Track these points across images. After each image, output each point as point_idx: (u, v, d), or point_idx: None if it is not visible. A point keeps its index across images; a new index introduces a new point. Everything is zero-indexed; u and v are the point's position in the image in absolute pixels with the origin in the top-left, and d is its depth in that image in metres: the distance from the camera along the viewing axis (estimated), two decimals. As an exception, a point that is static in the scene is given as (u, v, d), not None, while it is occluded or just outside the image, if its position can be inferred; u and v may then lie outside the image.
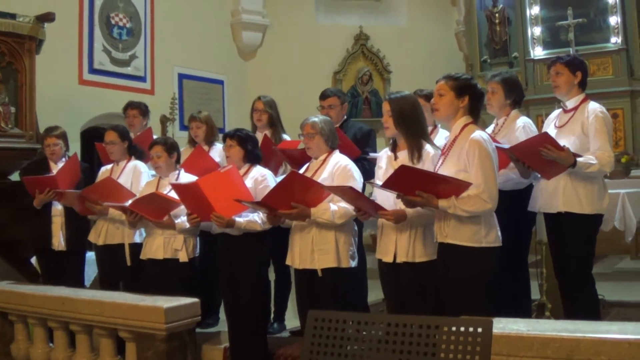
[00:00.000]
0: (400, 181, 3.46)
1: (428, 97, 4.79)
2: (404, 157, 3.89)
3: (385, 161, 4.05)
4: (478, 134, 3.53)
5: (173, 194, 4.71)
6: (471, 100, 3.61)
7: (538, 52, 11.27)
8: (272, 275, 5.27)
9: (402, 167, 3.43)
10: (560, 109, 4.43)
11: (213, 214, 4.45)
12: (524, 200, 4.41)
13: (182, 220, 4.80)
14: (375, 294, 5.42)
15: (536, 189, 4.36)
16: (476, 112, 3.66)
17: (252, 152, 4.82)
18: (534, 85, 10.98)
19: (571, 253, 4.16)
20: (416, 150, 3.83)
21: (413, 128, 3.87)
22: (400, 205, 3.71)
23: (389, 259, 3.91)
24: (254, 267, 4.68)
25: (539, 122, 9.66)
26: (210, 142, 5.96)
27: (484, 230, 3.50)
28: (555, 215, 4.25)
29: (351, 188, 3.80)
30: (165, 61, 9.79)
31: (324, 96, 5.50)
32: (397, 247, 3.87)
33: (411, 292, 3.85)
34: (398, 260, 3.87)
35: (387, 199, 3.87)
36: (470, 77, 3.70)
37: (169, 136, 7.23)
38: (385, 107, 3.95)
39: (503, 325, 2.87)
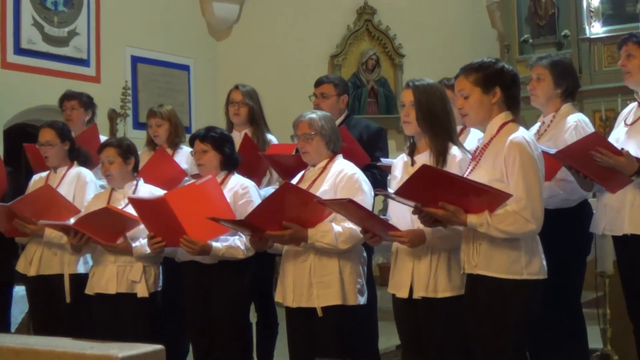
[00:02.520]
0: (420, 187, 3.48)
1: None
2: (423, 161, 3.90)
3: (400, 169, 4.09)
4: (520, 134, 3.55)
5: (130, 210, 4.73)
6: (504, 90, 3.65)
7: (596, 29, 11.35)
8: (254, 316, 5.29)
9: (425, 168, 3.45)
10: (636, 103, 4.43)
11: (184, 237, 4.48)
12: (575, 220, 4.45)
13: (142, 243, 4.82)
14: (387, 338, 5.45)
15: (600, 205, 4.37)
16: (515, 103, 3.69)
17: (230, 156, 4.86)
18: (590, 73, 11.06)
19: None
20: (440, 153, 3.88)
21: (440, 126, 3.92)
22: (419, 225, 3.75)
23: (403, 293, 3.94)
24: (232, 304, 4.70)
25: (596, 119, 9.76)
26: (174, 145, 5.99)
27: (524, 259, 3.52)
28: (622, 238, 4.28)
29: (351, 202, 3.81)
30: (115, 40, 9.82)
31: (317, 82, 5.56)
32: (413, 278, 3.90)
33: (432, 335, 3.87)
34: (415, 296, 3.89)
35: (403, 218, 3.90)
36: (494, 61, 3.72)
37: (126, 137, 7.24)
38: (407, 96, 3.98)
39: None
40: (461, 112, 3.72)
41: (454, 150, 3.91)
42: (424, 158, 3.94)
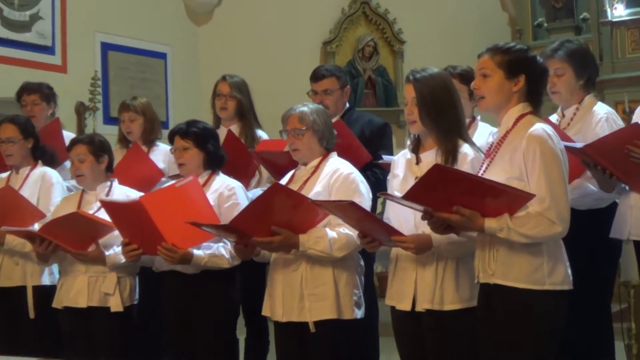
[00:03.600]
0: (431, 189, 3.46)
1: (464, 77, 4.84)
2: (429, 160, 3.92)
3: (403, 167, 4.09)
4: (540, 127, 3.55)
5: (102, 214, 4.73)
6: (529, 81, 3.64)
7: (619, 12, 11.35)
8: (242, 331, 5.29)
9: (437, 168, 3.43)
10: None
11: (162, 244, 4.48)
12: (604, 223, 4.43)
13: (116, 251, 4.81)
14: (387, 355, 5.45)
15: (623, 208, 4.35)
16: (536, 98, 3.70)
17: (215, 154, 4.86)
18: (611, 60, 11.08)
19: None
20: (450, 152, 3.88)
21: (447, 121, 3.91)
22: (424, 229, 3.75)
23: (405, 306, 3.94)
24: (217, 319, 4.71)
25: (619, 111, 9.74)
26: (149, 142, 6.01)
27: (547, 266, 3.52)
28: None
29: (353, 204, 3.81)
30: (83, 25, 9.78)
31: (317, 77, 5.54)
32: (417, 289, 3.90)
33: (437, 352, 3.88)
34: (419, 308, 3.89)
35: (406, 221, 3.90)
36: (526, 48, 3.73)
37: (99, 133, 7.24)
38: (409, 92, 3.99)
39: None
40: (477, 92, 3.72)
41: (465, 148, 3.90)
42: (430, 156, 3.94)
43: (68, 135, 6.01)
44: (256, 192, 5.29)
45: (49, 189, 5.37)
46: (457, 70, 4.96)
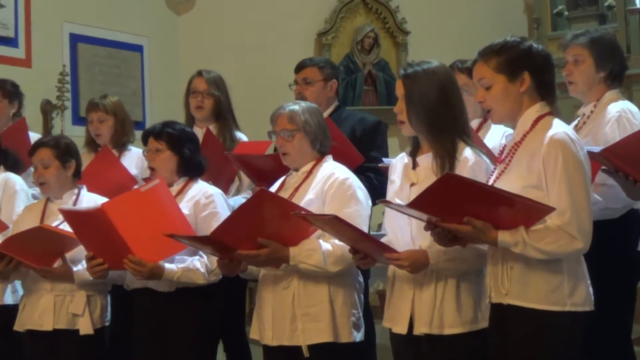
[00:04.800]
0: (441, 198, 3.46)
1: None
2: (426, 165, 3.94)
3: (399, 172, 4.10)
4: (561, 129, 3.54)
5: (68, 227, 4.72)
6: (534, 75, 3.64)
7: (648, -2, 11.36)
8: (222, 356, 5.31)
9: (448, 178, 3.43)
10: None
11: (128, 257, 4.48)
12: (620, 234, 4.45)
13: (85, 267, 4.79)
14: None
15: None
16: (549, 90, 3.69)
17: (192, 158, 4.88)
18: (640, 52, 11.08)
19: None
20: (445, 156, 3.87)
21: (440, 122, 3.90)
22: (422, 242, 3.78)
23: (401, 329, 3.95)
24: (194, 342, 4.72)
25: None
26: (120, 145, 6.06)
27: (567, 285, 3.52)
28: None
29: (336, 218, 3.81)
30: (49, 13, 9.75)
31: (299, 66, 5.61)
32: (414, 310, 3.92)
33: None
34: (416, 332, 3.90)
35: (402, 233, 3.93)
36: (519, 40, 3.71)
37: (64, 135, 7.24)
38: (399, 89, 4.01)
39: None
40: (483, 106, 3.74)
41: (466, 151, 3.89)
42: (427, 160, 3.94)
43: (33, 137, 5.98)
44: (237, 199, 5.32)
45: (12, 197, 5.38)
46: (466, 65, 4.95)
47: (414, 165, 4.01)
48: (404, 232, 3.89)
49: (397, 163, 4.16)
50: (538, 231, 3.44)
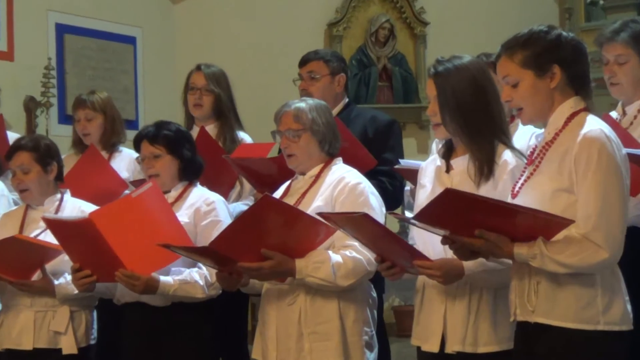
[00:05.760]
0: (446, 212, 3.46)
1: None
2: (461, 168, 3.93)
3: (431, 176, 4.09)
4: (597, 127, 3.50)
5: (51, 236, 4.71)
6: (565, 68, 3.60)
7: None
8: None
9: (448, 193, 3.41)
10: None
11: (120, 270, 4.47)
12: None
13: (68, 280, 4.80)
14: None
15: None
16: (583, 83, 3.65)
17: (191, 162, 4.87)
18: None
19: None
20: (484, 160, 3.87)
21: (477, 122, 3.90)
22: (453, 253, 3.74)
23: (431, 346, 3.94)
24: (191, 361, 4.72)
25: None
26: (110, 145, 6.06)
27: (601, 302, 3.48)
28: None
29: (366, 216, 3.78)
30: (33, 2, 9.76)
31: (303, 60, 5.62)
32: (446, 326, 3.91)
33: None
34: (448, 350, 3.89)
35: (432, 243, 3.88)
36: (546, 29, 3.66)
37: (42, 135, 7.24)
38: (430, 88, 3.99)
39: None
40: (511, 105, 3.71)
41: (506, 154, 3.89)
42: (462, 163, 3.94)
43: (14, 137, 5.99)
44: (237, 206, 5.32)
45: (-8, 202, 5.39)
46: (492, 59, 4.92)
47: (448, 168, 4.00)
48: (436, 241, 3.81)
49: (428, 166, 4.15)
50: (558, 242, 3.41)
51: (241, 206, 5.23)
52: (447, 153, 4.03)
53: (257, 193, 5.23)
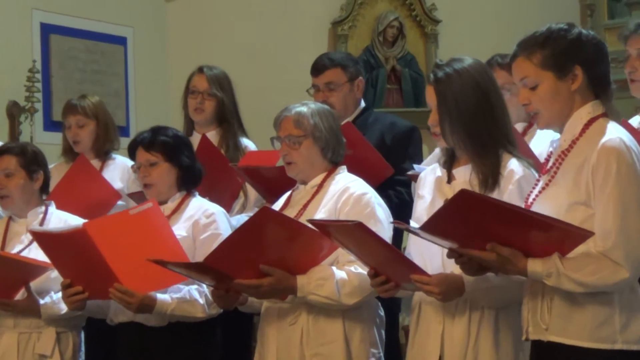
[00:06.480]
0: (459, 220, 3.44)
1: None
2: (463, 179, 3.93)
3: (431, 186, 4.09)
4: (616, 135, 3.49)
5: (35, 250, 4.73)
6: (586, 69, 3.59)
7: None
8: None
9: (464, 195, 3.38)
10: None
11: (115, 286, 4.46)
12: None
13: (54, 299, 4.81)
14: None
15: None
16: (604, 86, 3.64)
17: (190, 170, 4.88)
18: None
19: None
20: (489, 172, 3.86)
21: (480, 130, 3.89)
22: (455, 269, 3.74)
23: (428, 368, 3.96)
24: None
25: None
26: (103, 153, 6.07)
27: (619, 319, 3.47)
28: None
29: (360, 226, 3.77)
30: (17, 0, 9.81)
31: (317, 68, 5.59)
32: (444, 346, 3.91)
33: None
34: (446, 375, 3.91)
35: (431, 257, 3.90)
36: (566, 27, 3.65)
37: (27, 142, 7.24)
38: (430, 95, 3.99)
39: None
40: (528, 109, 3.69)
41: (512, 163, 3.88)
42: (464, 173, 3.93)
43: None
44: (242, 218, 5.29)
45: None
46: (506, 61, 4.91)
47: (449, 178, 3.99)
48: (434, 256, 3.86)
49: (428, 176, 4.15)
50: (576, 259, 3.41)
51: (245, 218, 5.20)
52: (449, 162, 4.03)
53: (266, 204, 5.21)
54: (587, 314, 3.46)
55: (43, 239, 4.62)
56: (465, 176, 3.91)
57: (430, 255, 3.88)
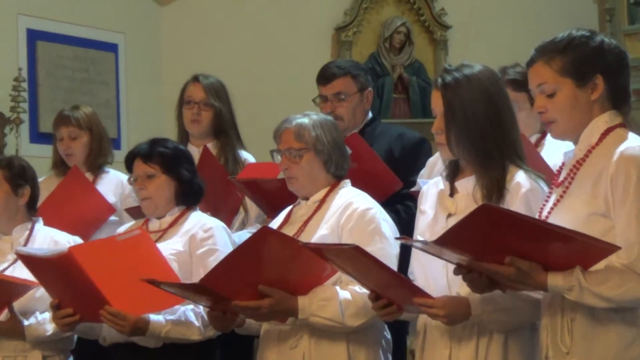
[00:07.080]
0: (476, 234, 3.43)
1: (521, 83, 4.78)
2: (466, 192, 3.93)
3: (433, 201, 4.09)
4: (635, 143, 3.50)
5: (20, 268, 4.73)
6: (608, 78, 3.59)
7: None
8: None
9: (485, 209, 3.38)
10: None
11: (106, 307, 4.46)
12: None
13: (39, 320, 4.81)
14: None
15: None
16: (623, 97, 3.65)
17: (190, 184, 4.89)
18: None
19: None
20: (494, 186, 3.85)
21: (488, 141, 3.88)
22: (460, 290, 3.76)
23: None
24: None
25: None
26: (96, 167, 6.08)
27: (646, 340, 3.51)
28: None
29: (356, 249, 3.74)
30: (1, 4, 9.81)
31: (325, 76, 5.59)
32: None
33: None
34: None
35: (435, 278, 3.91)
36: (588, 34, 3.65)
37: (15, 155, 7.26)
38: (436, 101, 4.00)
39: None
40: (543, 118, 3.69)
41: (519, 176, 3.87)
42: (467, 185, 3.93)
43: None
44: (243, 234, 5.30)
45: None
46: (518, 70, 4.93)
47: (452, 191, 3.99)
48: (438, 276, 3.87)
49: (430, 190, 4.15)
50: (598, 272, 3.38)
51: (247, 234, 5.19)
52: (452, 175, 4.03)
53: (268, 219, 5.21)
54: (612, 335, 3.45)
55: (30, 261, 4.61)
56: (468, 189, 3.91)
57: (434, 276, 3.89)
